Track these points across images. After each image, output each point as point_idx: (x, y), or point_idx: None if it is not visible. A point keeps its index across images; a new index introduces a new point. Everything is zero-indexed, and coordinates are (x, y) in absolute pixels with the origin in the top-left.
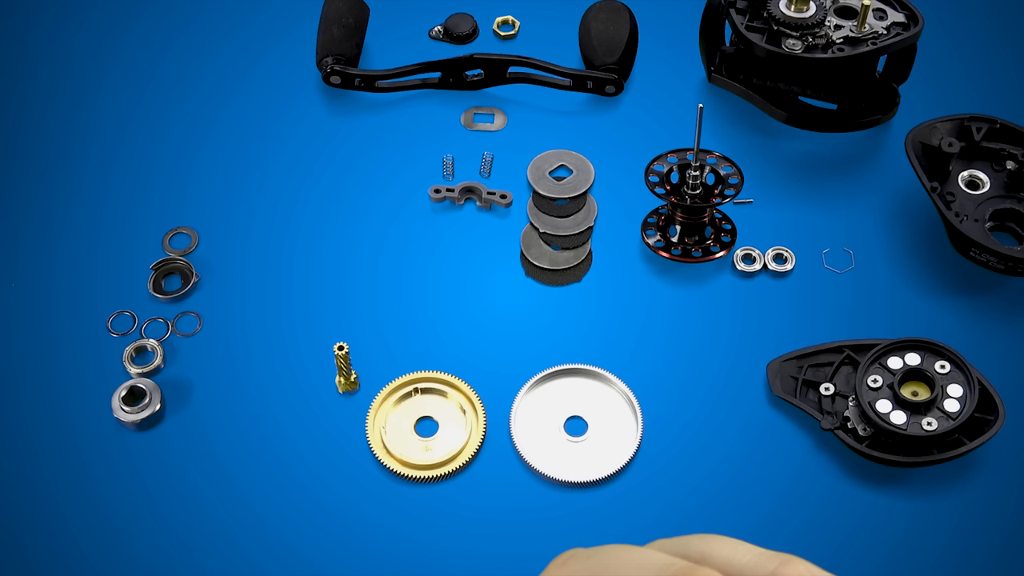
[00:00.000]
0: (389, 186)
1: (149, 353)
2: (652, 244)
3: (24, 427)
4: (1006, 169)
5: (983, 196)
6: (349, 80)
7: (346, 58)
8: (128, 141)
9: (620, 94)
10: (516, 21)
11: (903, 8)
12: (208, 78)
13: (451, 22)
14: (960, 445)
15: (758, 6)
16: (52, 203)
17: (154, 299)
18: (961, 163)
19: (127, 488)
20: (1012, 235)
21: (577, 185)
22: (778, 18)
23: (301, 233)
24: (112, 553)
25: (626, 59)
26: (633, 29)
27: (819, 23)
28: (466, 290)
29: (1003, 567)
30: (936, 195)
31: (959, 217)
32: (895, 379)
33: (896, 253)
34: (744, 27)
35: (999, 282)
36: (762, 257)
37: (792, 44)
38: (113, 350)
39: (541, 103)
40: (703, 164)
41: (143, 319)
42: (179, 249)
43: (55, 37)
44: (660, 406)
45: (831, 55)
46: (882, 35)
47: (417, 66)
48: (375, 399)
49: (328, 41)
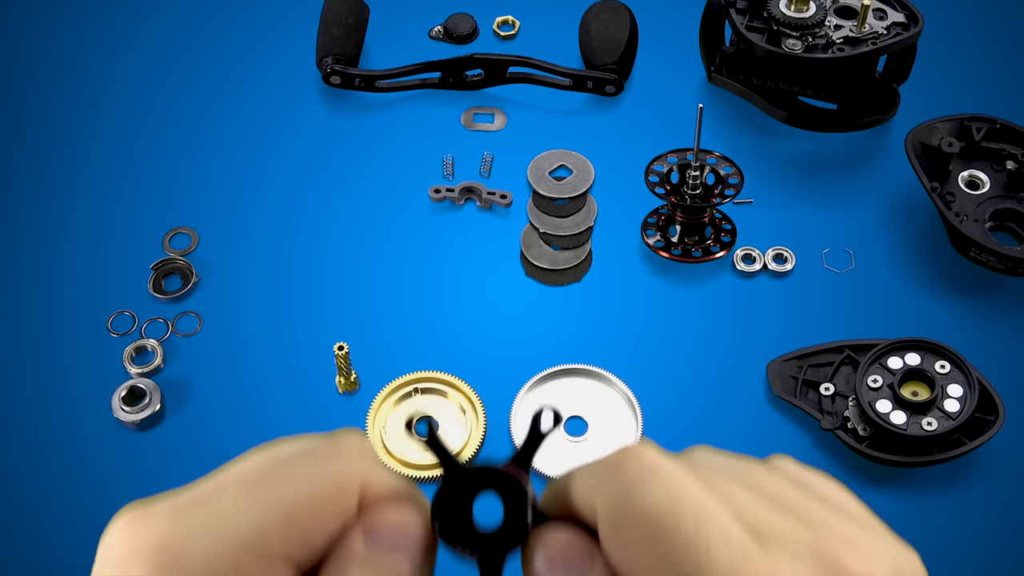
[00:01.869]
0: (389, 186)
1: (149, 353)
2: (652, 244)
3: (24, 427)
4: (1006, 169)
5: (983, 196)
6: (349, 80)
7: (346, 58)
8: (128, 141)
9: (620, 94)
10: (516, 21)
11: (903, 8)
12: (208, 78)
13: (451, 22)
14: (960, 445)
15: (758, 6)
16: (52, 203)
17: (154, 299)
18: (961, 163)
19: (127, 488)
20: (1012, 235)
21: (577, 185)
22: (778, 18)
23: (301, 233)
24: None
25: (626, 59)
26: (633, 29)
27: (819, 23)
28: (466, 290)
29: (1003, 567)
30: (936, 195)
31: (959, 217)
32: (895, 379)
33: (896, 253)
34: (744, 27)
35: (999, 282)
36: (762, 257)
37: (792, 44)
38: (113, 350)
39: (541, 103)
40: (703, 164)
41: (143, 319)
42: (179, 249)
43: (55, 37)
44: (660, 406)
45: (831, 55)
46: (882, 35)
47: (417, 66)
48: (375, 399)
49: (328, 41)
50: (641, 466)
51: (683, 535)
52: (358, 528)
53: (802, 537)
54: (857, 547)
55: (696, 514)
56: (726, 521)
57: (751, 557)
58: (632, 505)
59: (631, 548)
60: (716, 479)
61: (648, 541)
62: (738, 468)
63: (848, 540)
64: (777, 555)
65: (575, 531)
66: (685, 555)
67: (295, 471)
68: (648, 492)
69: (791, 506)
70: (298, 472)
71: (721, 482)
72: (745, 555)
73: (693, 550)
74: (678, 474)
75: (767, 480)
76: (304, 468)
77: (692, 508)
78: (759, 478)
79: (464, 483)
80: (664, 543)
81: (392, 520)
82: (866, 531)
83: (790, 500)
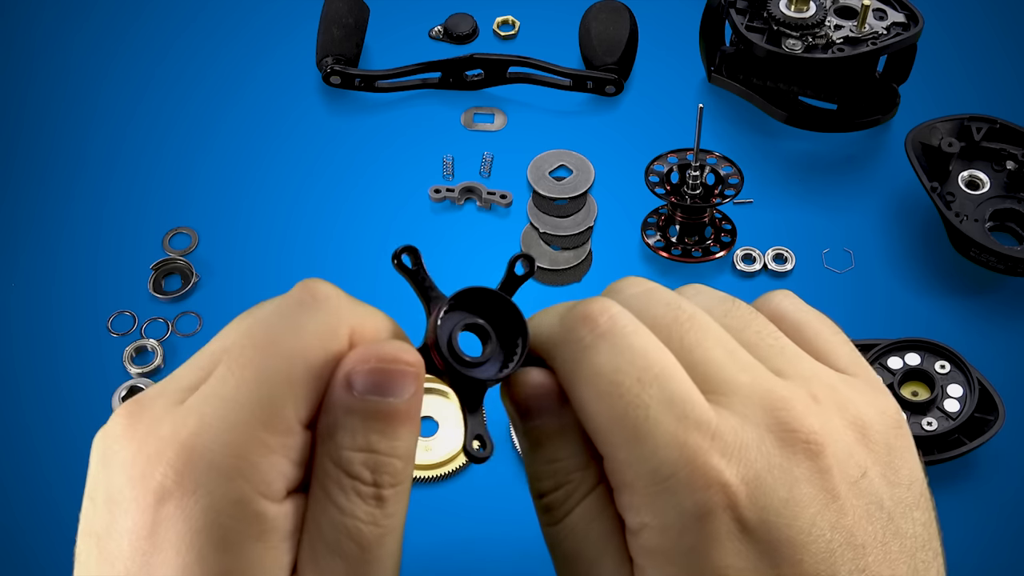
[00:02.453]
0: (389, 186)
1: (149, 353)
2: (652, 244)
3: (24, 427)
4: (1006, 169)
5: (983, 196)
6: (349, 80)
7: (346, 58)
8: (128, 141)
9: (620, 94)
10: (516, 21)
11: (903, 8)
12: (208, 78)
13: (451, 22)
14: (960, 445)
15: (758, 6)
16: (52, 203)
17: (154, 299)
18: (961, 163)
19: None
20: (1012, 235)
21: (577, 185)
22: (778, 18)
23: (301, 233)
24: None
25: (626, 59)
26: (633, 29)
27: (819, 23)
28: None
29: (1003, 567)
30: (936, 195)
31: (959, 217)
32: (895, 379)
33: (896, 253)
34: (744, 27)
35: (999, 282)
36: (762, 257)
37: (792, 44)
38: (113, 350)
39: (541, 103)
40: (703, 164)
41: (143, 319)
42: (179, 249)
43: (55, 37)
44: None
45: (831, 55)
46: (882, 35)
47: (417, 66)
48: None
49: (328, 41)
50: (594, 328)
51: (625, 400)
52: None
53: (759, 391)
54: (820, 401)
55: (640, 379)
56: (675, 381)
57: (690, 415)
58: (579, 368)
59: (582, 407)
60: (691, 324)
61: (596, 403)
62: (721, 308)
63: (812, 395)
64: (724, 412)
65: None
66: (625, 418)
67: (283, 334)
68: (595, 356)
69: (765, 355)
70: (286, 335)
71: (693, 328)
72: (684, 414)
73: (633, 413)
74: (630, 336)
75: (748, 323)
76: (291, 329)
77: (636, 373)
78: (740, 321)
79: (456, 306)
80: (609, 406)
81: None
82: (842, 381)
83: (766, 346)
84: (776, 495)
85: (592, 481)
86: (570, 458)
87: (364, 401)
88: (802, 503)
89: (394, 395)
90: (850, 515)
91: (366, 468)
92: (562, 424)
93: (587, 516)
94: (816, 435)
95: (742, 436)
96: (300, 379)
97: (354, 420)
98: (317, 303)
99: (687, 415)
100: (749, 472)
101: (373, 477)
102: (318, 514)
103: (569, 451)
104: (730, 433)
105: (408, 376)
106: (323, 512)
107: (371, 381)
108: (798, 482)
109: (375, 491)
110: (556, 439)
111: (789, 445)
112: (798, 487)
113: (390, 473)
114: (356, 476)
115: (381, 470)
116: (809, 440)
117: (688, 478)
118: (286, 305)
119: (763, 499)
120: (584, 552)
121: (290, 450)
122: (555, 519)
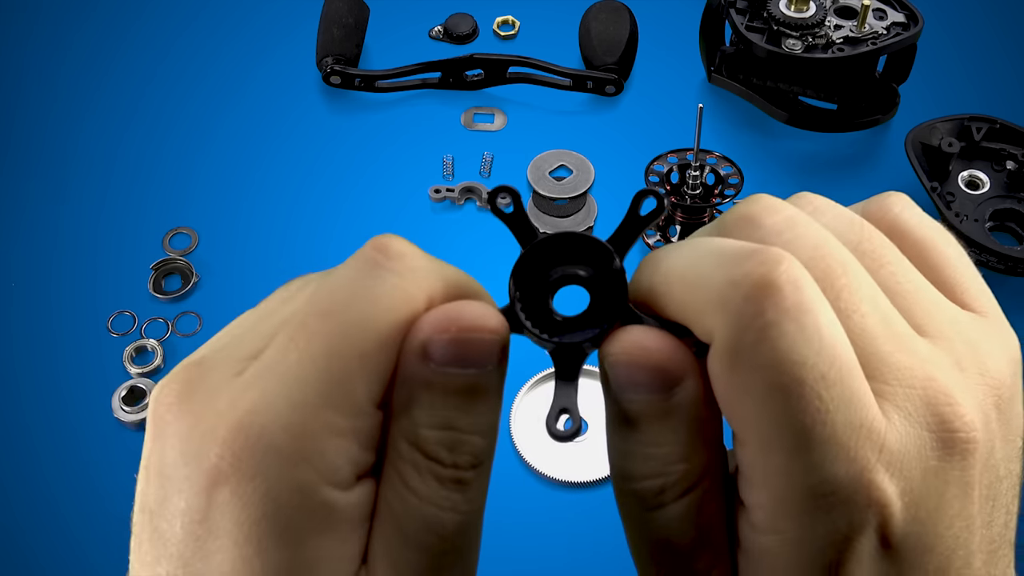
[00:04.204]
0: (389, 186)
1: (149, 353)
2: (652, 244)
3: (24, 427)
4: (1006, 169)
5: (983, 196)
6: (349, 80)
7: (346, 58)
8: (128, 141)
9: (620, 94)
10: (516, 21)
11: (903, 8)
12: (208, 78)
13: (451, 22)
14: None
15: (758, 6)
16: (52, 203)
17: (154, 299)
18: (961, 163)
19: (127, 488)
20: (1012, 235)
21: (577, 185)
22: (778, 18)
23: (301, 233)
24: (112, 553)
25: (626, 59)
26: (633, 29)
27: (819, 23)
28: None
29: None
30: (936, 195)
31: (959, 217)
32: None
33: None
34: (744, 27)
35: (999, 282)
36: None
37: (792, 44)
38: (113, 350)
39: (541, 103)
40: (703, 164)
41: (143, 319)
42: (179, 249)
43: (55, 36)
44: None
45: (831, 55)
46: (882, 35)
47: (417, 66)
48: None
49: (328, 41)
50: (780, 301)
51: (804, 400)
52: (417, 344)
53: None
54: (965, 369)
55: (825, 376)
56: (855, 379)
57: (864, 422)
58: (755, 351)
59: (743, 391)
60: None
61: (764, 398)
62: (852, 236)
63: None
64: (890, 413)
65: (669, 339)
66: (797, 422)
67: (353, 301)
68: (779, 340)
69: (904, 304)
70: (357, 302)
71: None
72: (860, 421)
73: (810, 419)
74: (819, 315)
75: (883, 257)
76: (361, 294)
77: (824, 368)
78: (875, 256)
79: (548, 253)
80: (781, 405)
81: (464, 321)
82: (978, 330)
83: (904, 292)
84: (927, 506)
85: (695, 477)
86: (673, 445)
87: (444, 374)
88: (947, 510)
89: (476, 366)
90: (976, 503)
91: (444, 448)
92: (670, 405)
93: (683, 513)
94: (974, 432)
95: (906, 443)
96: (373, 353)
97: (432, 395)
98: (391, 262)
99: (862, 422)
100: (907, 486)
101: (452, 458)
102: (391, 500)
103: (673, 438)
104: (896, 442)
105: (491, 345)
106: (397, 498)
107: (451, 352)
108: (948, 486)
109: (455, 473)
110: (659, 422)
111: (948, 447)
112: (948, 490)
113: (471, 453)
114: (434, 456)
115: (461, 449)
116: (968, 440)
117: (849, 497)
118: (356, 266)
119: (914, 512)
120: (676, 543)
121: (360, 432)
122: (643, 508)
